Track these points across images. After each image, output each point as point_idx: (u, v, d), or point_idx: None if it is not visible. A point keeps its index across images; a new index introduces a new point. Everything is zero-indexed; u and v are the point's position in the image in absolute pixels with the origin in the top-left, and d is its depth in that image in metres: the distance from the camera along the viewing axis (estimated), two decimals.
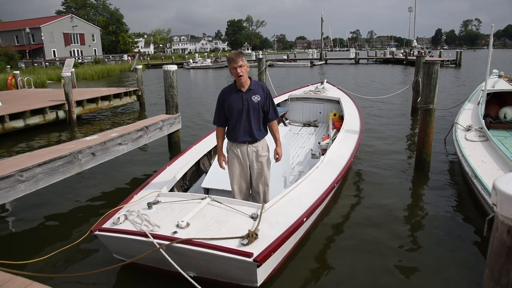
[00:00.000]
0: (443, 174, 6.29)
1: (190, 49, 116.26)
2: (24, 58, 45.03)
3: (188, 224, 3.20)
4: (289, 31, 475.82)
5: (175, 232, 3.10)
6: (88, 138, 6.14)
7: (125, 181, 6.48)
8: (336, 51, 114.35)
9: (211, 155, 5.84)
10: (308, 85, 10.42)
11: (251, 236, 2.97)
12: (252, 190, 3.96)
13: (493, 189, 1.34)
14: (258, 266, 2.84)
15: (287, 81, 24.72)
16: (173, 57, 66.13)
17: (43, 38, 51.31)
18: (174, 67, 7.60)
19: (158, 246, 2.96)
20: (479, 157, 5.09)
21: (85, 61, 46.65)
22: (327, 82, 10.57)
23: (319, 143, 6.70)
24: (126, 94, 14.43)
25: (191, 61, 49.99)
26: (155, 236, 3.05)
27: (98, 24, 66.15)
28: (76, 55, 53.59)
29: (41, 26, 50.91)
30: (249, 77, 3.68)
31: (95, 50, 60.12)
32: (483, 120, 6.75)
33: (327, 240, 4.27)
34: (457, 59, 36.26)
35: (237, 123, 3.67)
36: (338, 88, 9.84)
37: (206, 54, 70.96)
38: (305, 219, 3.45)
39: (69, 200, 5.70)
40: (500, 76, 9.75)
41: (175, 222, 3.23)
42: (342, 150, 5.37)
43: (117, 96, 14.09)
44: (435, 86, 5.89)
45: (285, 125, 8.36)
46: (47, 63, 41.02)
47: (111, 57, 52.48)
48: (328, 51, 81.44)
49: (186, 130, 9.84)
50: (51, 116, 11.33)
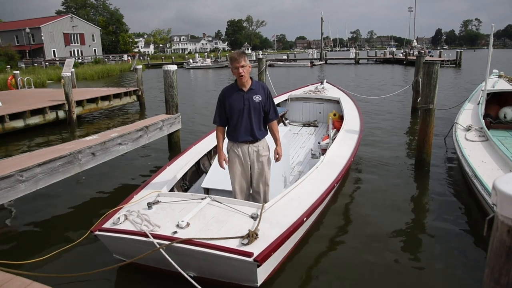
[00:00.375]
0: (443, 174, 6.30)
1: (190, 49, 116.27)
2: (24, 58, 45.03)
3: (188, 224, 3.21)
4: (289, 31, 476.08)
5: (175, 232, 3.10)
6: (88, 138, 6.14)
7: (125, 181, 6.48)
8: (336, 51, 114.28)
9: (211, 155, 5.84)
10: (308, 85, 10.41)
11: (251, 236, 2.97)
12: (252, 189, 3.96)
13: (493, 189, 1.34)
14: (258, 266, 2.84)
15: (287, 81, 24.71)
16: (173, 57, 66.13)
17: (43, 38, 51.32)
18: (174, 67, 7.60)
19: (158, 246, 2.96)
20: (479, 157, 5.09)
21: (85, 61, 46.65)
22: (327, 82, 10.57)
23: (319, 143, 6.70)
24: (126, 94, 14.43)
25: (191, 61, 50.01)
26: (155, 236, 3.06)
27: (98, 24, 66.16)
28: (76, 55, 53.59)
29: (41, 26, 50.92)
30: (250, 77, 3.68)
31: (95, 50, 60.13)
32: (483, 120, 6.76)
33: (327, 240, 4.27)
34: (457, 59, 36.26)
35: (238, 122, 3.67)
36: (338, 88, 9.84)
37: (206, 54, 70.96)
38: (305, 219, 3.45)
39: (69, 200, 5.70)
40: (500, 76, 9.75)
41: (175, 222, 3.23)
42: (342, 150, 5.37)
43: (117, 96, 14.10)
44: (435, 86, 5.89)
45: (285, 125, 8.36)
46: (47, 63, 41.03)
47: (111, 57, 52.50)
48: (328, 51, 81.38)
49: (186, 130, 9.84)
50: (51, 116, 11.33)
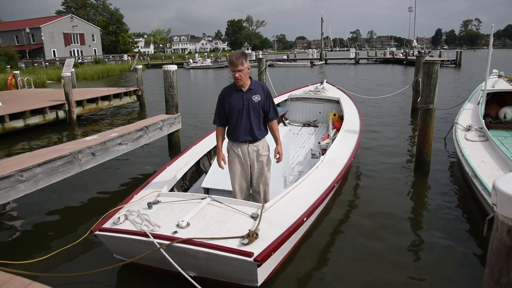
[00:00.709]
0: (443, 174, 6.30)
1: (190, 49, 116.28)
2: (24, 58, 45.04)
3: (188, 224, 3.20)
4: (289, 31, 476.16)
5: (175, 232, 3.10)
6: (88, 138, 6.14)
7: (125, 181, 6.48)
8: (336, 51, 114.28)
9: (211, 155, 5.83)
10: (308, 85, 10.41)
11: (252, 236, 2.97)
12: (252, 189, 3.96)
13: (493, 189, 1.34)
14: (259, 266, 2.84)
15: (287, 81, 24.71)
16: (173, 57, 66.13)
17: (43, 38, 51.31)
18: (174, 67, 7.60)
19: (158, 246, 2.96)
20: (479, 157, 5.09)
21: (85, 61, 46.65)
22: (326, 82, 10.57)
23: (319, 143, 6.70)
24: (126, 94, 14.44)
25: (191, 61, 50.01)
26: (156, 236, 3.05)
27: (98, 24, 66.17)
28: (76, 55, 53.59)
29: (41, 26, 50.92)
30: (250, 77, 3.68)
31: (95, 50, 60.13)
32: (483, 120, 6.76)
33: (327, 240, 4.27)
34: (457, 59, 36.28)
35: (237, 122, 3.67)
36: (338, 88, 9.84)
37: (206, 54, 70.99)
38: (305, 219, 3.45)
39: (69, 200, 5.70)
40: (500, 76, 9.75)
41: (175, 222, 3.23)
42: (342, 150, 5.37)
43: (117, 96, 14.10)
44: (435, 86, 5.89)
45: (285, 125, 8.35)
46: (47, 63, 41.03)
47: (111, 57, 52.49)
48: (328, 51, 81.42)
49: (186, 130, 9.84)
50: (51, 116, 11.33)
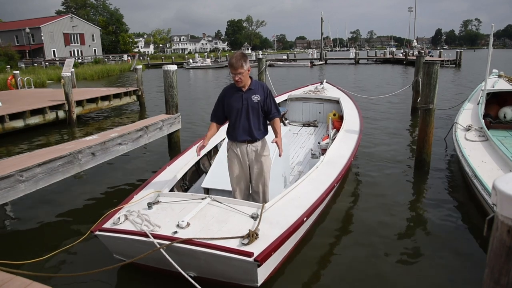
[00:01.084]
0: (443, 174, 6.30)
1: (190, 49, 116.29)
2: (24, 58, 45.03)
3: (188, 224, 3.20)
4: (289, 31, 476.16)
5: (175, 232, 3.10)
6: (88, 138, 6.15)
7: (125, 181, 6.48)
8: (336, 51, 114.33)
9: (211, 155, 5.83)
10: (308, 85, 10.41)
11: (252, 236, 2.97)
12: (252, 189, 3.97)
13: (493, 189, 1.34)
14: (259, 266, 2.84)
15: (287, 81, 24.71)
16: (173, 57, 66.13)
17: (43, 38, 51.30)
18: (174, 67, 7.60)
19: (158, 246, 2.96)
20: (479, 157, 5.09)
21: (85, 61, 46.65)
22: (326, 82, 10.57)
23: (319, 143, 6.70)
24: (126, 94, 14.43)
25: (191, 61, 50.00)
26: (156, 236, 3.05)
27: (98, 24, 66.15)
28: (76, 55, 53.58)
29: (41, 26, 50.91)
30: (250, 76, 3.69)
31: (95, 50, 60.11)
32: (483, 120, 6.76)
33: (327, 240, 4.27)
34: (457, 59, 36.27)
35: (236, 122, 3.68)
36: (337, 88, 9.83)
37: (206, 54, 70.98)
38: (305, 219, 3.45)
39: (69, 200, 5.70)
40: (499, 76, 9.75)
41: (176, 222, 3.23)
42: (342, 150, 5.36)
43: (117, 96, 14.10)
44: (435, 86, 5.89)
45: (284, 125, 8.34)
46: (47, 63, 41.02)
47: (111, 57, 52.49)
48: (328, 51, 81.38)
49: (186, 130, 9.84)
50: (51, 116, 11.33)
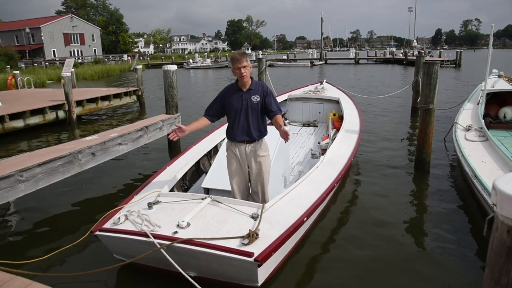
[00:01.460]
0: (443, 174, 6.30)
1: (190, 49, 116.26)
2: (24, 58, 45.03)
3: (188, 224, 3.20)
4: (289, 31, 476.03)
5: (175, 232, 3.10)
6: (88, 138, 6.14)
7: (125, 181, 6.48)
8: (336, 51, 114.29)
9: (211, 155, 5.83)
10: (308, 85, 10.41)
11: (252, 236, 2.97)
12: (251, 190, 3.97)
13: (493, 189, 1.34)
14: (259, 266, 2.84)
15: (287, 81, 24.71)
16: (173, 57, 66.11)
17: (43, 38, 51.31)
18: (174, 67, 7.60)
19: (158, 246, 2.96)
20: (479, 157, 5.09)
21: (85, 61, 46.65)
22: (326, 82, 10.57)
23: (319, 143, 6.70)
24: (126, 94, 14.43)
25: (191, 61, 50.00)
26: (156, 236, 3.05)
27: (98, 24, 66.17)
28: (76, 55, 53.58)
29: (41, 26, 50.91)
30: (251, 77, 3.70)
31: (95, 50, 60.11)
32: (483, 120, 6.76)
33: (327, 240, 4.28)
34: (457, 59, 36.26)
35: (235, 122, 3.69)
36: (337, 88, 9.83)
37: (206, 54, 70.98)
38: (305, 219, 3.45)
39: (69, 200, 5.70)
40: (499, 76, 9.75)
41: (176, 222, 3.23)
42: (342, 149, 5.36)
43: (117, 96, 14.09)
44: (435, 86, 5.89)
45: (284, 125, 8.34)
46: (47, 63, 41.03)
47: (111, 57, 52.49)
48: (328, 51, 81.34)
49: None
50: (51, 116, 11.33)
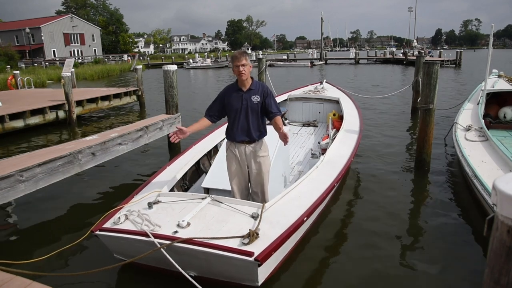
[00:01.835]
0: (443, 174, 6.30)
1: (190, 49, 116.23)
2: (24, 58, 45.03)
3: (188, 224, 3.21)
4: (289, 31, 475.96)
5: (176, 232, 3.10)
6: (88, 138, 6.14)
7: (125, 181, 6.48)
8: (336, 51, 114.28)
9: (211, 155, 5.84)
10: (308, 85, 10.41)
11: (252, 236, 2.97)
12: (251, 190, 3.98)
13: (493, 189, 1.34)
14: (259, 266, 2.84)
15: (287, 81, 24.71)
16: (173, 57, 66.12)
17: (43, 38, 51.30)
18: (174, 67, 7.61)
19: (159, 245, 2.96)
20: (479, 157, 5.09)
21: (85, 61, 46.65)
22: (326, 82, 10.56)
23: (319, 142, 6.70)
24: (126, 94, 14.43)
25: (191, 61, 50.01)
26: (156, 236, 3.06)
27: (98, 24, 66.17)
28: (76, 55, 53.58)
29: (41, 26, 50.90)
30: (251, 77, 3.69)
31: (95, 50, 60.11)
32: (483, 120, 6.76)
33: (327, 240, 4.28)
34: (457, 59, 36.28)
35: (235, 122, 3.69)
36: (337, 88, 9.83)
37: (206, 54, 70.97)
38: (305, 219, 3.45)
39: (69, 200, 5.70)
40: (499, 76, 9.75)
41: (176, 221, 3.23)
42: (342, 149, 5.36)
43: (117, 96, 14.10)
44: (435, 86, 5.89)
45: (284, 125, 8.33)
46: (47, 63, 41.03)
47: (111, 57, 52.50)
48: (328, 51, 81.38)
49: None
50: (51, 116, 11.33)
